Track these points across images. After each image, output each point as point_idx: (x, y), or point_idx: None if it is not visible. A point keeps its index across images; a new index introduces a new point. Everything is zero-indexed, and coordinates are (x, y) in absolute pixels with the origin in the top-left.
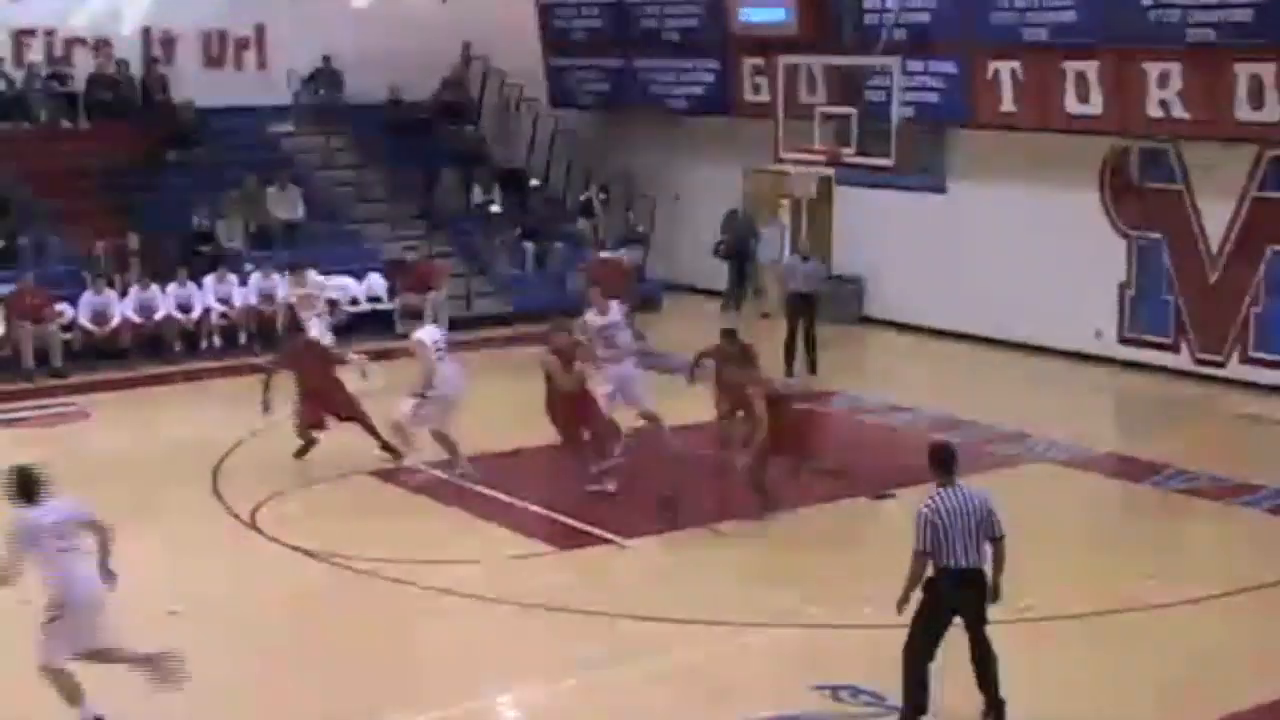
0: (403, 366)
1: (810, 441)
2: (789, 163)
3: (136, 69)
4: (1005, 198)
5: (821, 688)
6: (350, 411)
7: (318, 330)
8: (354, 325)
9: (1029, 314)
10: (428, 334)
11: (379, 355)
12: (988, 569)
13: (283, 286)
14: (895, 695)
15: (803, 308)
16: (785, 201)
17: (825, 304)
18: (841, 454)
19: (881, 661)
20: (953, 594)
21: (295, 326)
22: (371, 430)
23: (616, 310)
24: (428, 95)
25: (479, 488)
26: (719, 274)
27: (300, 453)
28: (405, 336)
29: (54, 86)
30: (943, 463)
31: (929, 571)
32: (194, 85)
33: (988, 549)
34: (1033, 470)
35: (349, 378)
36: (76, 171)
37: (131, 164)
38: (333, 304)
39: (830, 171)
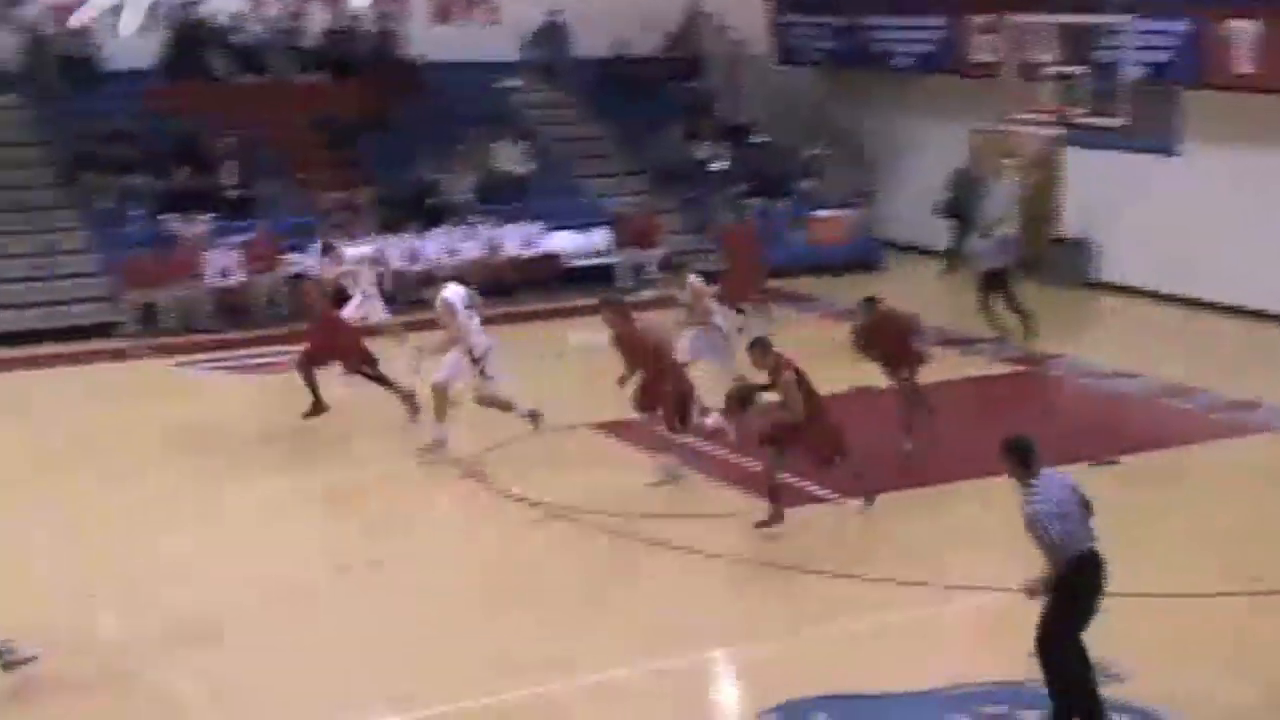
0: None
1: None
2: (1016, 122)
3: (369, 24)
4: (1241, 162)
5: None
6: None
7: (364, 307)
8: (577, 280)
9: (1262, 282)
10: (455, 295)
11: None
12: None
13: (511, 238)
14: (1115, 665)
15: (995, 283)
16: (1011, 162)
17: (1051, 269)
18: (1063, 419)
19: (1108, 632)
20: (1097, 576)
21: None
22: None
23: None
24: (653, 50)
25: (703, 443)
26: (942, 235)
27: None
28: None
29: (289, 41)
30: (1025, 457)
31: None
32: (424, 40)
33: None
34: (1261, 440)
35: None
36: (309, 124)
37: (363, 117)
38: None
39: (1059, 132)
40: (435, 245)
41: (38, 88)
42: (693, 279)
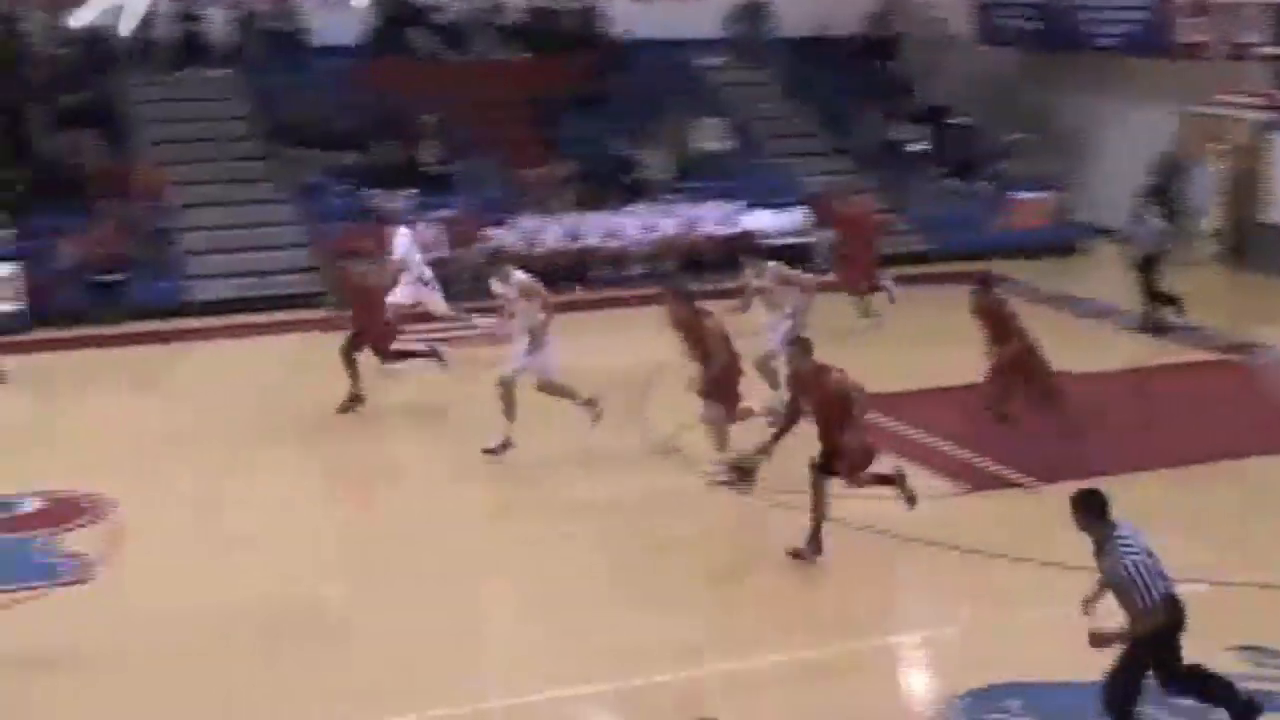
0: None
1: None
2: (1224, 105)
3: (571, 2)
4: None
5: (1242, 648)
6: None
7: (413, 293)
8: (778, 259)
9: None
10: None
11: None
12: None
13: (708, 216)
14: None
15: (1145, 266)
16: (1217, 146)
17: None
18: (1266, 410)
19: None
20: (1177, 620)
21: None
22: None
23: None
24: (853, 30)
25: (904, 427)
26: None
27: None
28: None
29: (492, 19)
30: (1103, 508)
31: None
32: (626, 17)
33: None
34: None
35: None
36: (511, 102)
37: (564, 95)
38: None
39: (1268, 116)
40: (633, 222)
41: (246, 62)
42: (772, 265)
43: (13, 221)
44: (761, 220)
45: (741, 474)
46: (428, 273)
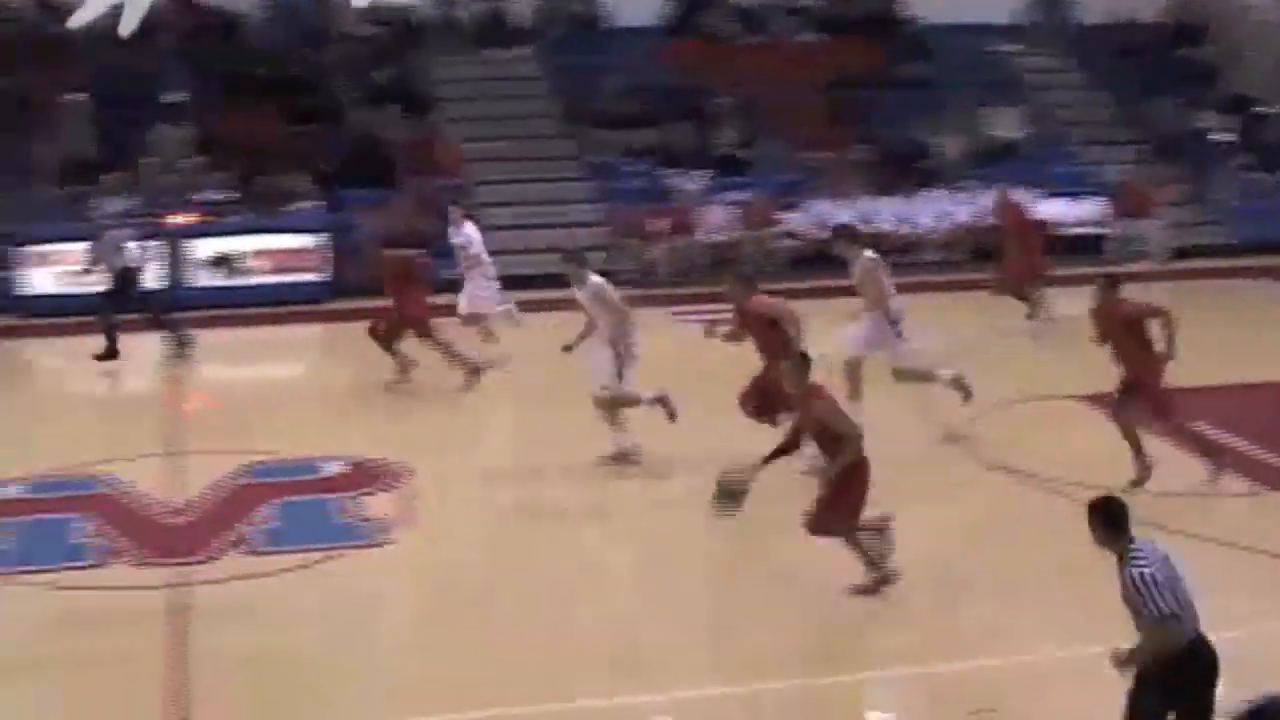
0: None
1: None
2: None
3: None
4: None
5: None
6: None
7: (478, 290)
8: (1072, 248)
9: None
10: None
11: (1077, 280)
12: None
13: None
14: None
15: None
16: None
17: None
18: None
19: None
20: (1210, 667)
21: None
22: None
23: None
24: (1156, 16)
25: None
26: None
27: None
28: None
29: (790, 2)
30: (1118, 518)
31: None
32: (923, 1)
33: None
34: None
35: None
36: (806, 85)
37: (861, 78)
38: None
39: None
40: (926, 209)
41: (547, 42)
42: (867, 254)
43: (322, 194)
44: (1057, 209)
45: (729, 495)
46: (491, 270)
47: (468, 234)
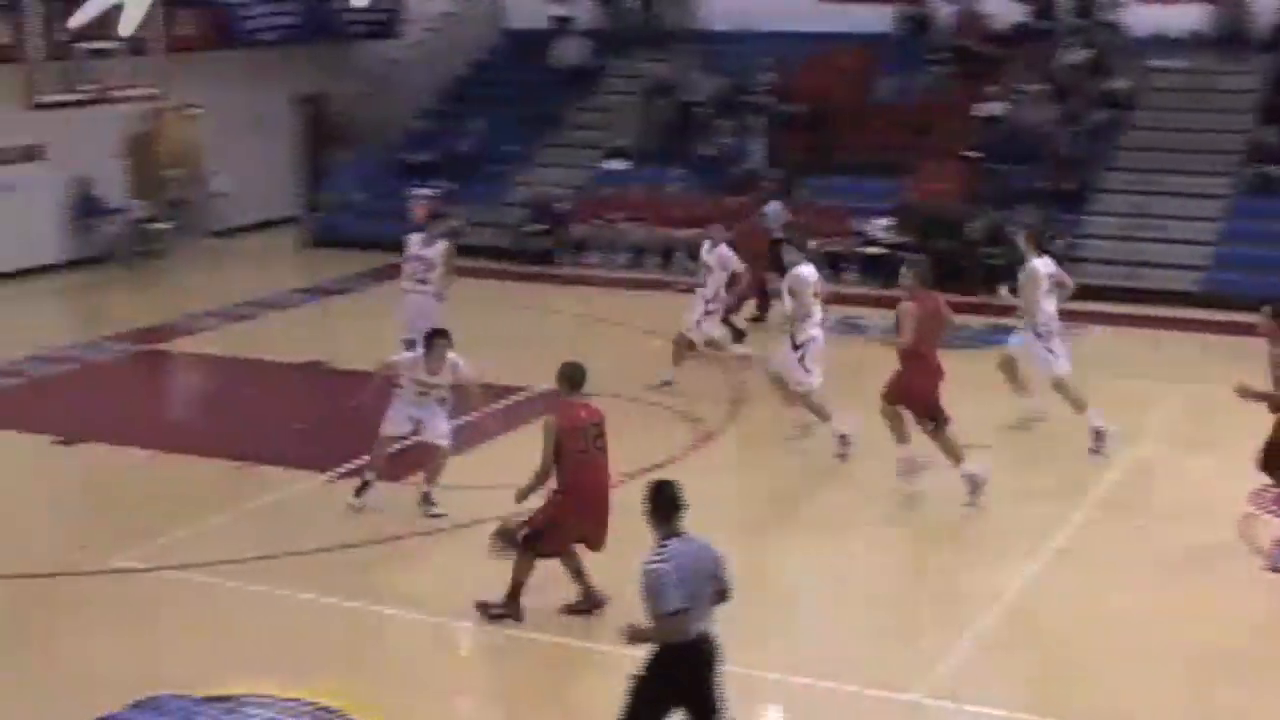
0: None
1: None
2: None
3: None
4: None
5: None
6: None
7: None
8: None
9: None
10: (810, 271)
11: None
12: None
13: None
14: None
15: None
16: None
17: None
18: None
19: None
20: (705, 662)
21: None
22: None
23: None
24: None
25: None
26: None
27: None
28: None
29: None
30: (666, 507)
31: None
32: None
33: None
34: None
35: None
36: None
37: None
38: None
39: None
40: None
41: None
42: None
43: None
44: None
45: (508, 539)
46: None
47: None
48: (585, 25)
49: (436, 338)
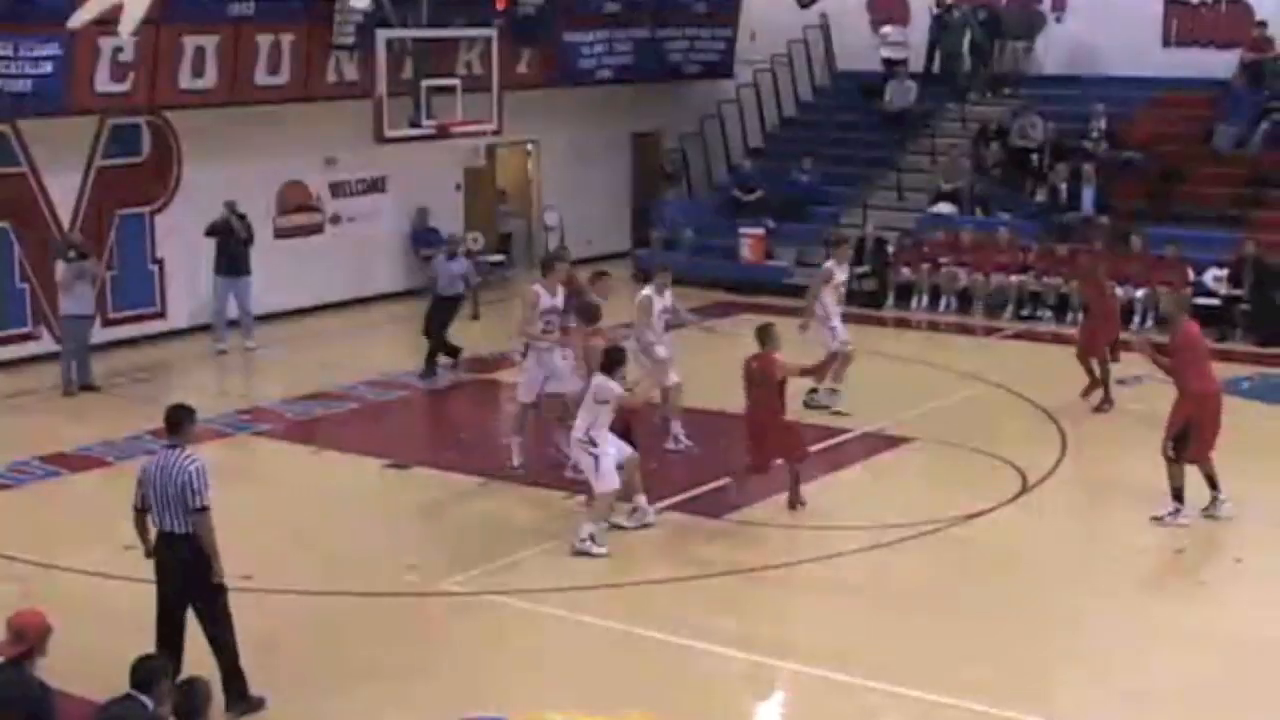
0: None
1: None
2: None
3: None
4: None
5: None
6: None
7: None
8: None
9: None
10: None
11: None
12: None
13: None
14: None
15: None
16: None
17: None
18: None
19: None
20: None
21: None
22: None
23: None
24: None
25: None
26: None
27: None
28: None
29: None
30: (177, 420)
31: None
32: None
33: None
34: None
35: None
36: None
37: None
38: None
39: None
40: None
41: None
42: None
43: None
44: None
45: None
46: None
47: None
48: (915, 69)
49: None
